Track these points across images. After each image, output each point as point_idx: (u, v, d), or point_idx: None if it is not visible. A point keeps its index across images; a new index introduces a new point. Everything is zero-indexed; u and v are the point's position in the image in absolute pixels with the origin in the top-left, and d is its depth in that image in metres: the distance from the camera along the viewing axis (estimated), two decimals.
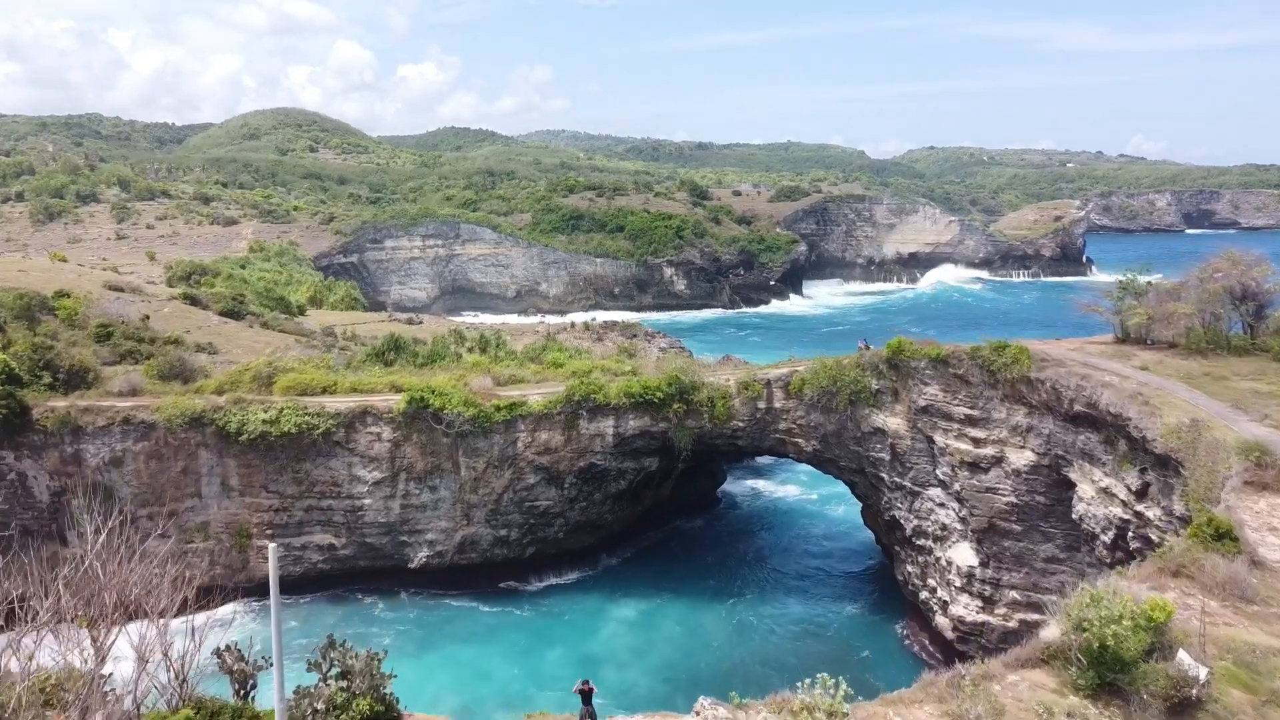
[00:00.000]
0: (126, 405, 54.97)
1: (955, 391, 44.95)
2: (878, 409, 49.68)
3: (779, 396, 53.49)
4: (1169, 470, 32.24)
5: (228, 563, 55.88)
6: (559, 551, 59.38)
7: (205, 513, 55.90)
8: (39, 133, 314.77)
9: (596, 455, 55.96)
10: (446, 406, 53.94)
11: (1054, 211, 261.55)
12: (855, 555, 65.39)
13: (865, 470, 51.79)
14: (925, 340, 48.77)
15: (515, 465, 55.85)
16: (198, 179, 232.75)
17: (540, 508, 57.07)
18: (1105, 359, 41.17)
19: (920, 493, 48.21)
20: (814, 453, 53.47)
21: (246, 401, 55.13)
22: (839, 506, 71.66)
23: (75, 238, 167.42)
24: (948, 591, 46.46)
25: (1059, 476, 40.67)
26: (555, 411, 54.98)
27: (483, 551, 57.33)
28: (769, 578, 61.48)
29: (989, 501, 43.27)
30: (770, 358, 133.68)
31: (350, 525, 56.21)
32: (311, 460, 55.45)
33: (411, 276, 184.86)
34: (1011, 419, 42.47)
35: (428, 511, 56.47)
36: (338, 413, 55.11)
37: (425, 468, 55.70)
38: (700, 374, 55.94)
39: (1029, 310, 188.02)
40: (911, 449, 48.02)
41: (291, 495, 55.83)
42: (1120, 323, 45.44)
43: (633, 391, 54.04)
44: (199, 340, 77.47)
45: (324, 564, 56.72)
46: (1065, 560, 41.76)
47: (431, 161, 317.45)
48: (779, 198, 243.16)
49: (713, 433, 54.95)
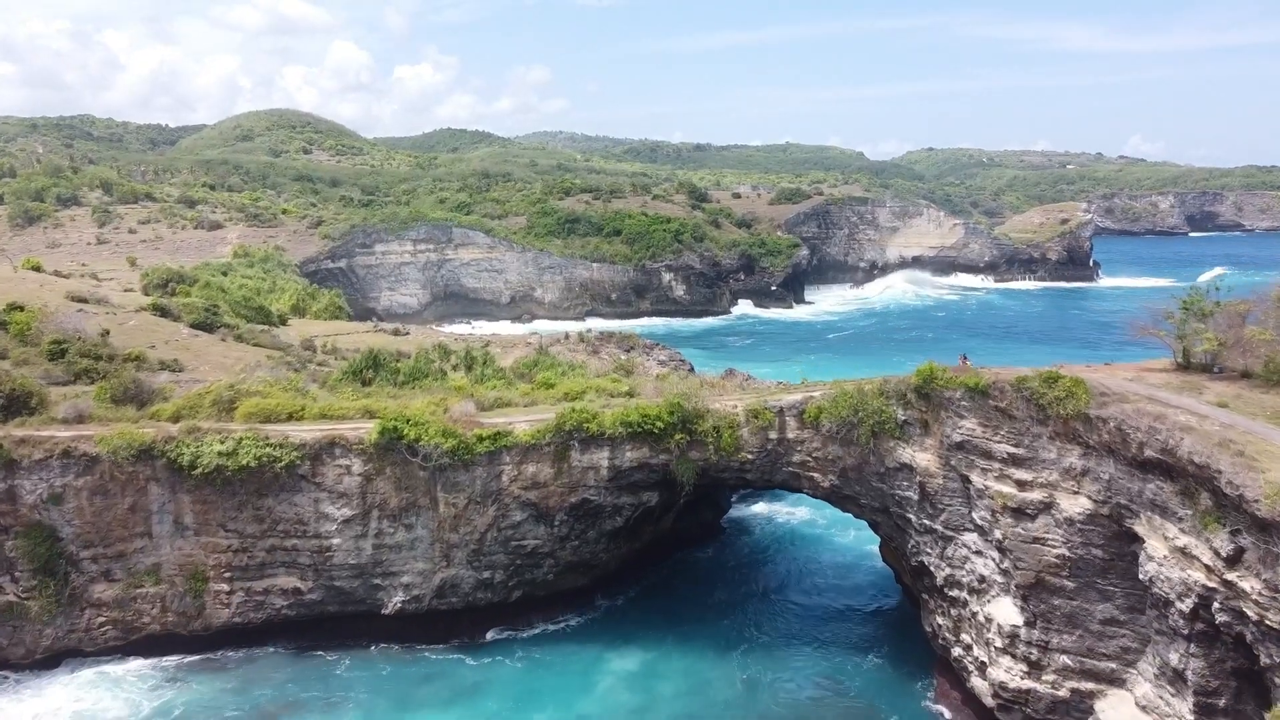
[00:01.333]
0: (68, 435, 49.48)
1: (996, 426, 39.58)
2: (904, 442, 44.30)
3: (792, 426, 48.11)
4: (1273, 537, 26.93)
5: (181, 609, 50.44)
6: (549, 593, 54.03)
7: (156, 554, 50.45)
8: (29, 134, 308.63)
9: (590, 490, 50.56)
10: (423, 437, 48.53)
11: (1060, 214, 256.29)
12: (871, 591, 60.24)
13: (889, 510, 46.41)
14: (959, 366, 43.38)
15: (500, 501, 50.45)
16: (185, 181, 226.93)
17: (527, 547, 51.66)
18: (1172, 392, 35.83)
19: (953, 538, 42.83)
20: (831, 489, 48.09)
21: (201, 431, 49.68)
22: (850, 531, 66.66)
23: (55, 242, 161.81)
24: (986, 651, 41.08)
25: (1121, 528, 35.32)
26: (544, 442, 49.58)
27: (464, 595, 51.89)
28: (781, 618, 56.29)
29: (1036, 553, 37.88)
30: (775, 367, 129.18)
31: (317, 567, 50.74)
32: (274, 496, 50.02)
33: (402, 282, 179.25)
34: (1063, 460, 37.09)
35: (403, 552, 51.03)
36: (303, 444, 49.66)
37: (400, 504, 50.27)
38: (704, 399, 50.48)
39: (1042, 321, 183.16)
40: (943, 489, 42.64)
41: (252, 534, 50.37)
42: (1183, 348, 40.11)
43: (630, 420, 48.63)
44: (164, 356, 71.91)
45: (289, 609, 51.25)
46: (1126, 623, 36.39)
47: (426, 163, 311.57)
48: (779, 200, 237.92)
49: (719, 465, 49.56)
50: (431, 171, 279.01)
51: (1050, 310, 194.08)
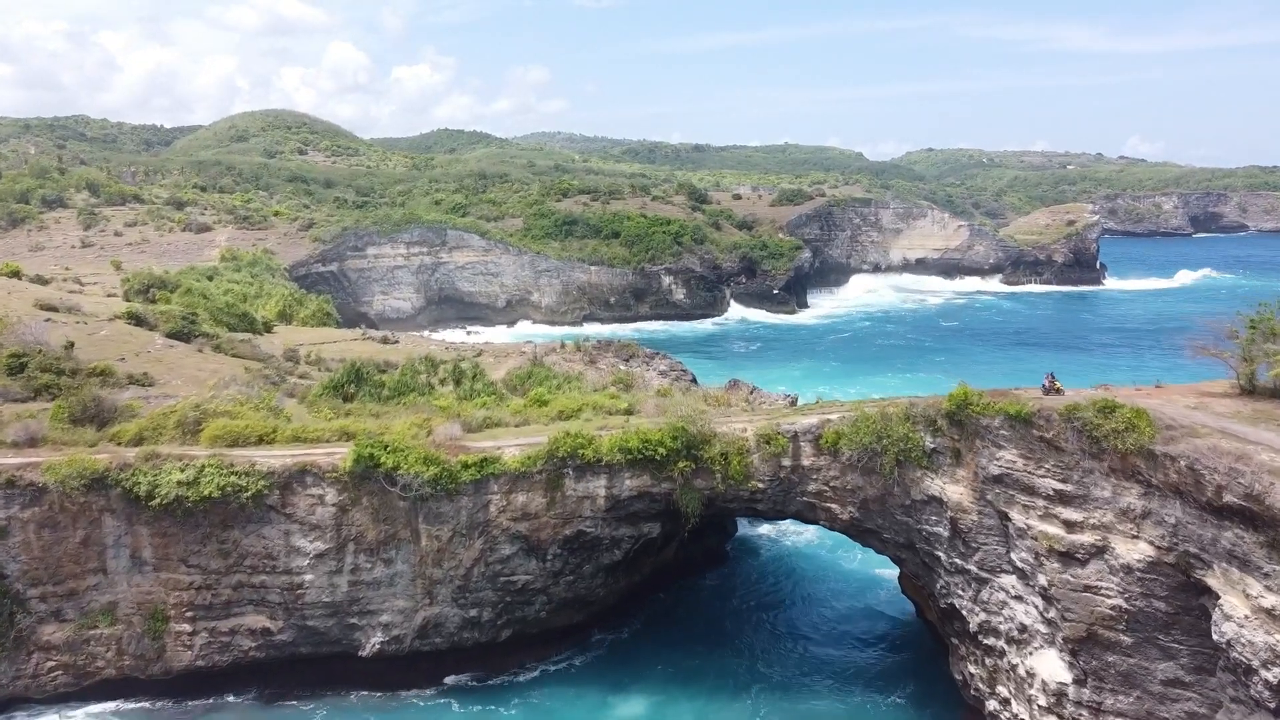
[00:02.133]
0: (13, 463, 45.13)
1: (1041, 459, 35.31)
2: (933, 473, 40.02)
3: (808, 452, 43.81)
4: None
5: (139, 651, 46.08)
6: (542, 631, 49.75)
7: (112, 591, 46.09)
8: (22, 134, 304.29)
9: (586, 521, 46.25)
10: (401, 465, 44.20)
11: (1066, 215, 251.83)
12: (888, 622, 56.18)
13: (916, 546, 42.13)
14: (998, 390, 39.06)
15: (487, 533, 46.13)
16: (175, 182, 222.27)
17: (518, 583, 47.35)
18: (1245, 424, 31.61)
19: (989, 580, 38.55)
20: (851, 521, 43.80)
21: (160, 458, 45.33)
22: (858, 553, 62.47)
23: (39, 245, 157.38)
24: (1028, 709, 36.79)
25: (1188, 579, 31.06)
26: (535, 470, 45.25)
27: (449, 635, 47.58)
28: (794, 653, 52.30)
29: (1087, 603, 33.62)
30: (781, 374, 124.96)
31: (288, 605, 46.41)
32: (241, 528, 45.68)
33: (395, 286, 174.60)
34: (1120, 500, 32.82)
35: (382, 589, 46.70)
36: (271, 471, 45.31)
37: (378, 537, 45.93)
38: (710, 421, 46.12)
39: (1047, 322, 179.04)
40: (978, 526, 38.35)
41: (217, 570, 46.03)
42: (1249, 372, 35.84)
43: (630, 446, 44.27)
44: (134, 369, 67.55)
45: (257, 651, 46.91)
46: (1193, 685, 32.14)
47: (423, 164, 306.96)
48: (780, 201, 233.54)
49: (726, 495, 45.27)
50: (428, 172, 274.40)
51: (1060, 314, 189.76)
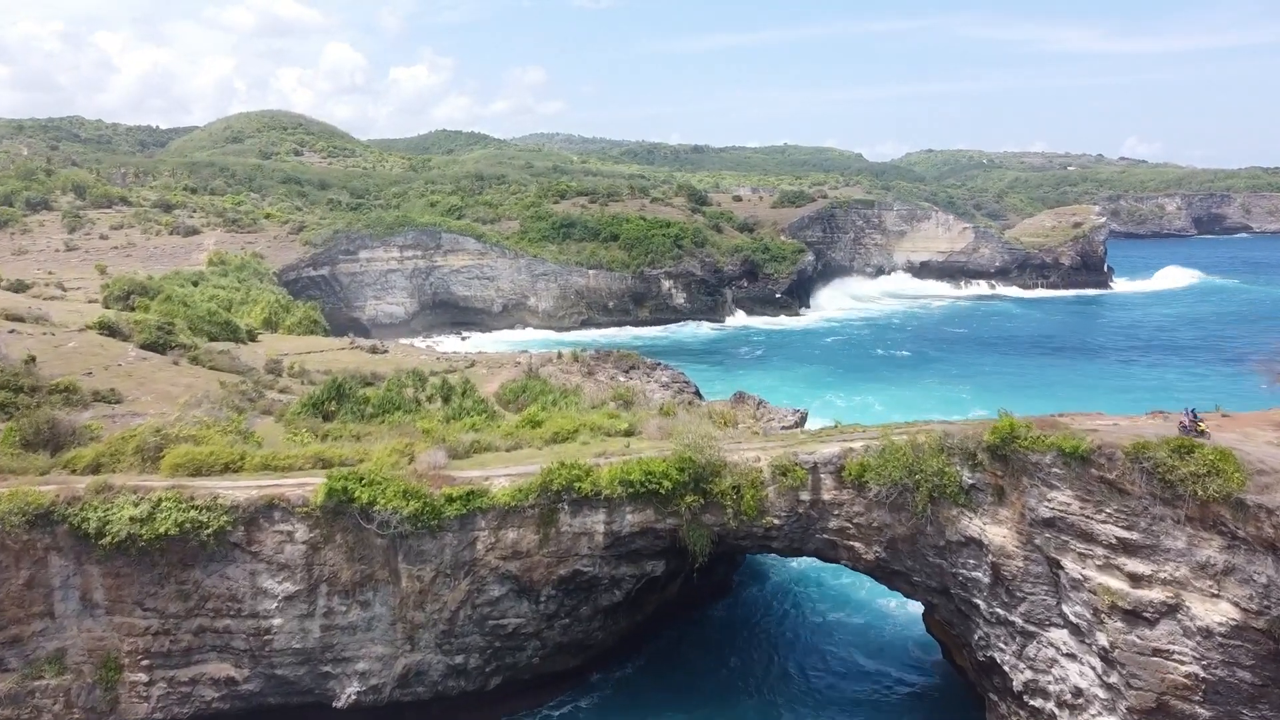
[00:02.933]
0: None
1: (1101, 503, 31.03)
2: (971, 511, 35.75)
3: (829, 485, 39.50)
4: None
5: (89, 704, 41.61)
6: (535, 677, 45.46)
7: (59, 638, 41.63)
8: (15, 135, 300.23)
9: (583, 560, 41.93)
10: (378, 500, 39.85)
11: (1072, 217, 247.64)
12: (908, 661, 52.04)
13: (950, 591, 37.85)
14: (1045, 418, 34.72)
15: (474, 573, 41.80)
16: (165, 184, 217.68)
17: (508, 627, 43.01)
18: None
19: (1037, 634, 34.27)
20: (877, 562, 39.53)
21: (112, 491, 40.95)
22: (866, 580, 58.39)
23: (22, 249, 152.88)
24: None
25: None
26: (527, 504, 40.93)
27: (433, 684, 43.23)
28: (809, 695, 48.27)
29: (1157, 669, 29.35)
30: (785, 381, 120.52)
31: (255, 652, 42.02)
32: (202, 567, 41.31)
33: (388, 290, 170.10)
34: (1196, 553, 28.57)
35: (358, 634, 42.33)
36: (235, 505, 40.93)
37: (353, 577, 41.58)
38: (719, 450, 41.80)
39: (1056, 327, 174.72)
40: (1024, 573, 34.07)
41: (176, 614, 41.62)
42: None
43: (631, 479, 39.93)
44: (101, 385, 63.11)
45: (221, 702, 42.50)
46: None
47: (420, 165, 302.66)
48: (781, 203, 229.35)
49: (738, 532, 40.95)
50: (424, 174, 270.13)
51: (1072, 319, 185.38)
